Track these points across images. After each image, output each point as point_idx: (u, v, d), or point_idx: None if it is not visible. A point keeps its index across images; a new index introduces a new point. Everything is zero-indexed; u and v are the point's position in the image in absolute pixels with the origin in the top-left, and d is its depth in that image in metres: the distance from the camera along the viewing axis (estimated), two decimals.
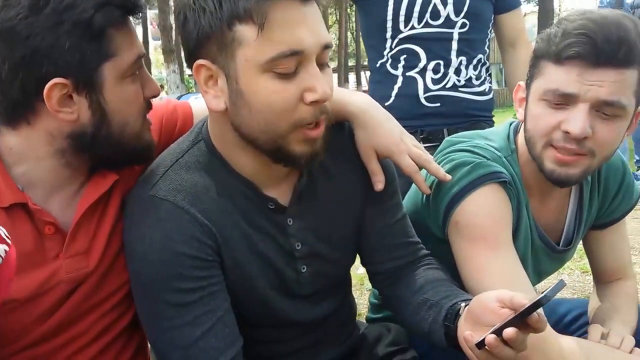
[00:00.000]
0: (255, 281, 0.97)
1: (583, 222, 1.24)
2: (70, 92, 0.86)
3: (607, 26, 0.97)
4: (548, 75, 1.04)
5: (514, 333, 0.75)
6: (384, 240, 1.09)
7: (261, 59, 0.82)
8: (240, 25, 0.82)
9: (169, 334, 0.90)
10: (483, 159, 1.10)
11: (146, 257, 0.89)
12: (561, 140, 1.03)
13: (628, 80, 0.99)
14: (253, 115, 0.86)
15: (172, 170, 0.94)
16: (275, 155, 0.90)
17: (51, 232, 0.91)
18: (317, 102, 0.85)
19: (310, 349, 1.08)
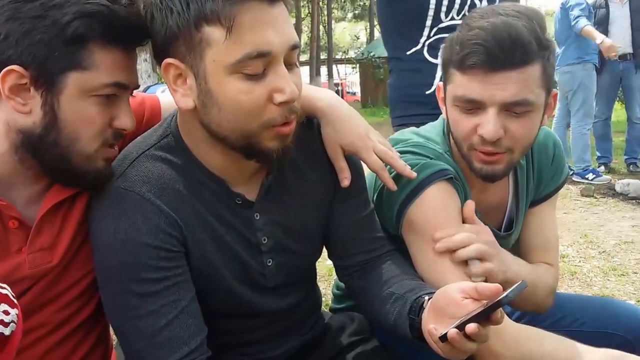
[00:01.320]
0: (221, 273, 0.98)
1: (521, 205, 1.28)
2: (29, 85, 0.85)
3: (498, 33, 1.00)
4: (456, 82, 1.08)
5: (476, 328, 0.78)
6: (351, 235, 1.11)
7: (229, 60, 0.82)
8: (208, 27, 0.81)
9: (134, 323, 0.90)
10: (427, 158, 1.13)
11: (111, 248, 0.89)
12: (480, 144, 1.07)
13: (531, 76, 1.03)
14: (223, 115, 0.86)
15: (139, 161, 0.94)
16: (247, 152, 0.91)
17: (15, 227, 0.90)
18: (286, 102, 0.85)
19: (275, 339, 1.09)
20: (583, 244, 3.70)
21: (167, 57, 0.86)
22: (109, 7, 0.85)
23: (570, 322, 1.33)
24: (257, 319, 1.06)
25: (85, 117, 0.88)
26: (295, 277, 1.09)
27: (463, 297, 0.83)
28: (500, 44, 0.99)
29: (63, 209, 0.95)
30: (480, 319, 0.79)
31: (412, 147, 1.16)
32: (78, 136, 0.88)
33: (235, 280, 1.00)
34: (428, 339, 0.88)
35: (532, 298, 1.20)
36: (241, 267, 1.00)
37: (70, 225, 0.95)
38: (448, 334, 0.80)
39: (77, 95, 0.87)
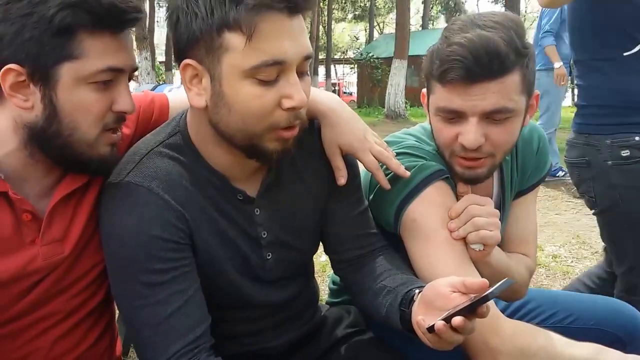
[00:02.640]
0: (223, 265, 1.01)
1: (507, 196, 1.31)
2: (28, 80, 0.87)
3: (475, 48, 1.01)
4: (437, 94, 1.10)
5: (462, 321, 0.80)
6: (347, 230, 1.13)
7: (245, 66, 0.85)
8: (229, 34, 0.84)
9: (142, 312, 0.92)
10: (423, 160, 1.15)
11: (122, 240, 0.92)
12: (461, 151, 1.10)
13: (509, 85, 1.05)
14: (232, 116, 0.89)
15: (148, 158, 0.96)
16: (249, 152, 0.94)
17: (28, 219, 0.92)
18: (294, 108, 0.88)
19: (274, 330, 1.12)
20: (575, 244, 3.73)
21: (186, 58, 0.89)
22: None
23: (562, 318, 1.35)
24: (257, 310, 1.09)
25: (84, 105, 0.90)
26: (293, 271, 1.12)
27: (451, 291, 0.85)
28: (477, 59, 1.01)
29: (73, 201, 0.97)
30: (467, 313, 0.81)
31: (408, 149, 1.18)
32: (78, 124, 0.90)
33: (237, 272, 1.03)
34: (417, 330, 0.90)
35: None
36: (242, 260, 1.03)
37: (81, 217, 0.98)
38: (435, 325, 0.82)
39: (72, 85, 0.88)
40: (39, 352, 0.92)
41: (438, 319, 0.82)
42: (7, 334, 0.90)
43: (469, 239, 1.09)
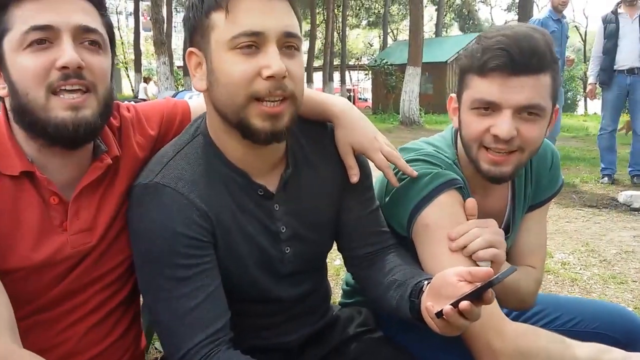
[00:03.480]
0: (245, 260, 1.07)
1: (518, 210, 1.35)
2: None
3: (519, 40, 1.08)
4: (474, 87, 1.15)
5: (469, 305, 0.84)
6: (359, 228, 1.19)
7: (226, 37, 0.94)
8: (215, 14, 0.94)
9: (167, 304, 0.99)
10: (439, 168, 1.20)
11: (150, 237, 0.99)
12: (492, 142, 1.15)
13: (543, 84, 1.11)
14: (220, 88, 0.97)
15: (174, 160, 1.03)
16: (241, 130, 0.99)
17: (56, 202, 0.99)
18: (272, 77, 0.94)
19: (289, 325, 1.18)
20: (584, 252, 3.74)
21: (189, 47, 0.99)
22: None
23: (565, 321, 1.39)
24: (274, 304, 1.14)
25: (24, 68, 0.92)
26: (309, 265, 1.18)
27: (458, 280, 0.90)
28: (521, 49, 1.08)
29: (98, 193, 1.04)
30: (473, 298, 0.85)
31: (425, 157, 1.23)
32: (27, 89, 0.92)
33: (257, 266, 1.09)
34: (425, 316, 0.95)
35: (514, 296, 1.27)
36: (262, 254, 1.09)
37: (107, 209, 1.04)
38: (444, 310, 0.87)
39: (13, 55, 0.93)
40: (70, 341, 0.98)
41: (447, 305, 0.86)
42: (40, 323, 0.97)
43: (478, 256, 1.13)
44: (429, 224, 1.16)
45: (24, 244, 0.95)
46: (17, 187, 0.95)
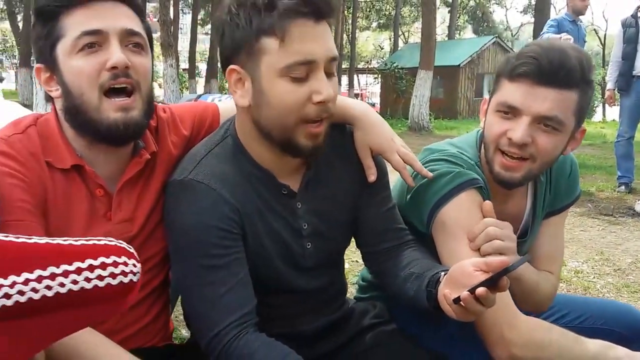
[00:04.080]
0: (269, 253, 1.18)
1: (537, 216, 1.45)
2: (49, 73, 1.08)
3: (551, 52, 1.19)
4: (503, 90, 1.26)
5: (485, 291, 0.94)
6: (376, 225, 1.30)
7: (280, 65, 1.03)
8: (266, 38, 1.03)
9: (199, 290, 1.10)
10: (461, 168, 1.30)
11: (185, 229, 1.10)
12: (506, 145, 1.25)
13: (567, 100, 1.21)
14: (270, 111, 1.07)
15: (206, 159, 1.15)
16: (284, 145, 1.11)
17: (101, 194, 1.12)
18: (322, 102, 1.06)
19: (307, 315, 1.29)
20: (598, 260, 3.82)
21: (231, 65, 1.08)
22: None
23: (573, 318, 1.50)
24: (294, 294, 1.26)
25: (78, 71, 1.05)
26: (328, 260, 1.29)
27: (475, 270, 1.00)
28: (551, 61, 1.18)
29: (138, 187, 1.16)
30: (489, 285, 0.95)
31: (448, 157, 1.34)
32: (81, 90, 1.05)
33: (280, 259, 1.20)
34: (443, 303, 1.05)
35: (532, 298, 1.36)
36: (285, 249, 1.20)
37: (146, 203, 1.17)
38: (461, 296, 0.97)
39: (66, 59, 1.06)
40: (110, 321, 1.09)
41: (464, 291, 0.97)
42: None
43: (486, 251, 1.23)
44: (448, 221, 1.27)
45: (75, 232, 1.07)
46: (68, 179, 1.09)
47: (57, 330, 0.71)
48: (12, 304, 0.62)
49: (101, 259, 0.69)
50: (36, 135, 1.09)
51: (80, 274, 0.67)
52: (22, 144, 1.06)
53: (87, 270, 0.68)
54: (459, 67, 23.57)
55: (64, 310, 0.67)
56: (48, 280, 0.64)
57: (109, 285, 0.69)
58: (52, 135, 1.10)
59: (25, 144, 1.06)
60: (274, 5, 1.01)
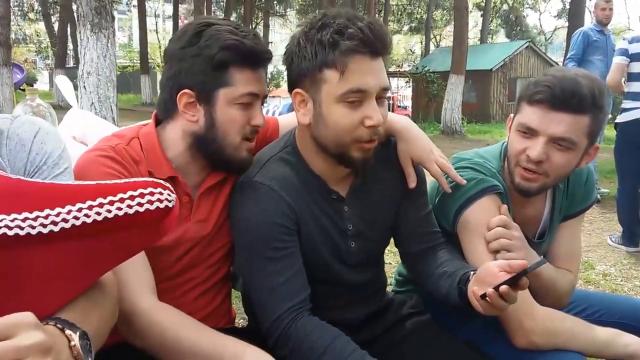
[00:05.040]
0: (319, 248, 1.36)
1: (555, 219, 1.62)
2: (196, 101, 1.27)
3: (564, 81, 1.35)
4: (523, 112, 1.43)
5: (507, 289, 1.12)
6: (414, 228, 1.48)
7: (338, 93, 1.22)
8: (327, 70, 1.22)
9: (261, 279, 1.29)
10: (484, 175, 1.48)
11: (249, 225, 1.29)
12: (525, 161, 1.42)
13: (579, 123, 1.37)
14: (327, 130, 1.26)
15: (269, 163, 1.34)
16: (339, 159, 1.30)
17: (186, 201, 1.31)
18: (373, 126, 1.24)
19: (352, 305, 1.47)
20: (627, 264, 3.91)
21: (296, 88, 1.28)
22: (239, 40, 1.25)
23: (591, 312, 1.64)
24: (341, 287, 1.44)
25: (232, 119, 1.28)
26: (370, 258, 1.47)
27: (499, 271, 1.17)
28: (564, 90, 1.35)
29: (214, 193, 1.36)
30: (510, 284, 1.13)
31: (473, 165, 1.52)
32: (228, 132, 1.28)
33: (329, 255, 1.38)
34: (472, 299, 1.22)
35: (551, 292, 1.51)
36: (333, 246, 1.39)
37: (219, 205, 1.36)
38: (487, 292, 1.15)
39: (225, 104, 1.27)
40: (183, 305, 1.26)
41: (489, 288, 1.15)
42: (165, 289, 1.27)
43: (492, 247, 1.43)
44: (471, 220, 1.45)
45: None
46: None
47: (114, 250, 0.88)
48: (69, 227, 0.79)
49: (140, 190, 0.85)
50: (139, 147, 1.29)
51: (122, 202, 0.83)
52: (128, 153, 1.26)
53: (128, 199, 0.83)
54: (491, 71, 23.47)
55: (115, 233, 0.84)
56: (97, 208, 0.82)
57: (148, 211, 0.84)
58: (153, 149, 1.30)
59: (130, 153, 1.27)
60: (337, 44, 1.20)
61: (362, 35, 1.19)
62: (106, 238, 0.84)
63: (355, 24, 1.20)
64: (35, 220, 0.77)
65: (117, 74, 5.19)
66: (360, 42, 1.19)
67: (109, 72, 5.00)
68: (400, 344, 1.47)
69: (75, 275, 0.81)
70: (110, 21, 5.00)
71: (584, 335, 1.37)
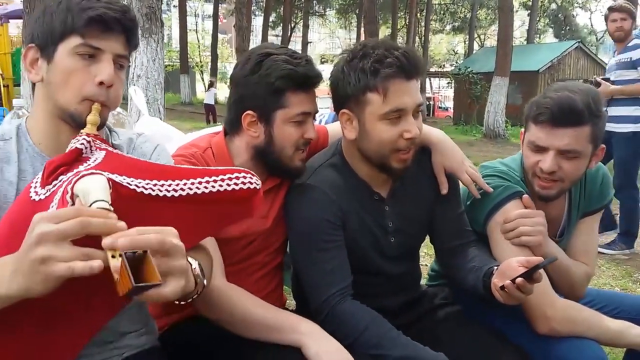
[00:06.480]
0: (361, 243, 1.61)
1: (573, 217, 1.82)
2: (257, 120, 1.54)
3: (561, 100, 1.57)
4: (531, 131, 1.65)
5: (522, 281, 1.33)
6: (448, 227, 1.71)
7: (380, 112, 1.47)
8: (370, 93, 1.47)
9: (313, 267, 1.54)
10: (509, 182, 1.71)
11: (303, 221, 1.56)
12: (540, 173, 1.64)
13: (581, 134, 1.58)
14: (370, 144, 1.52)
15: (320, 168, 1.60)
16: (380, 167, 1.55)
17: None
18: (410, 139, 1.48)
19: (390, 294, 1.70)
20: None
21: (343, 109, 1.53)
22: (294, 69, 1.51)
23: (609, 310, 1.82)
24: (380, 277, 1.68)
25: (288, 135, 1.54)
26: (407, 252, 1.71)
27: (519, 266, 1.38)
28: (561, 109, 1.57)
29: (272, 194, 1.63)
30: (526, 277, 1.34)
31: (499, 173, 1.74)
32: (284, 146, 1.55)
33: (371, 249, 1.63)
34: (493, 290, 1.44)
35: (566, 280, 1.72)
36: (374, 240, 1.63)
37: (277, 204, 1.63)
38: (505, 284, 1.36)
39: (282, 123, 1.54)
40: (246, 288, 1.51)
41: (507, 280, 1.36)
42: (229, 273, 1.51)
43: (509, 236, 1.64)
44: (499, 223, 1.67)
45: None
46: None
47: (215, 218, 1.19)
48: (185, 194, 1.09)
49: (235, 174, 1.15)
50: (212, 155, 1.58)
51: (223, 182, 1.13)
52: (204, 160, 1.54)
53: (227, 179, 1.13)
54: (538, 73, 23.20)
55: (215, 204, 1.13)
56: (204, 184, 1.11)
57: (241, 189, 1.14)
58: (223, 156, 1.58)
59: (205, 159, 1.55)
60: (378, 71, 1.45)
61: (399, 62, 1.44)
62: (209, 207, 1.14)
63: (392, 53, 1.45)
64: (162, 187, 1.08)
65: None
66: (398, 68, 1.44)
67: (157, 75, 5.36)
68: (432, 331, 1.69)
69: (187, 230, 1.08)
70: (160, 26, 5.36)
71: (599, 325, 1.57)
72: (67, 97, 1.18)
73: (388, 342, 1.43)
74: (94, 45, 1.17)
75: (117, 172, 1.04)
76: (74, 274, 0.85)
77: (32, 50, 1.22)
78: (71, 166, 1.08)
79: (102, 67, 1.18)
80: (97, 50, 1.18)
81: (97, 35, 1.17)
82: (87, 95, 1.18)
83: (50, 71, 1.19)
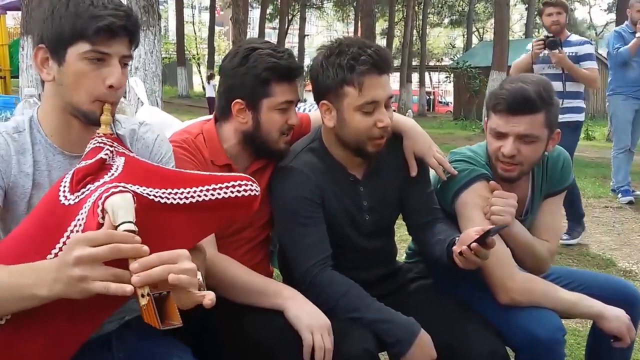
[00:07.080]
0: (338, 220, 1.79)
1: (536, 199, 2.01)
2: (245, 108, 1.72)
3: (515, 91, 1.75)
4: (492, 119, 1.84)
5: (477, 246, 1.50)
6: (418, 205, 1.89)
7: (356, 104, 1.66)
8: (347, 87, 1.65)
9: (295, 240, 1.73)
10: (474, 166, 1.89)
11: (286, 199, 1.74)
12: (501, 157, 1.82)
13: (536, 121, 1.76)
14: (348, 132, 1.70)
15: (301, 153, 1.79)
16: (356, 152, 1.74)
17: None
18: (384, 127, 1.67)
19: (366, 267, 1.87)
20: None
21: (322, 100, 1.72)
22: (277, 62, 1.69)
23: (574, 286, 1.96)
24: (357, 252, 1.86)
25: (274, 121, 1.72)
26: (382, 228, 1.90)
27: (476, 234, 1.54)
28: (515, 99, 1.76)
29: (257, 175, 1.78)
30: (480, 242, 1.50)
31: (466, 158, 1.93)
32: (270, 131, 1.73)
33: (346, 225, 1.81)
34: (455, 257, 1.61)
35: (528, 256, 1.89)
36: (351, 218, 1.81)
37: (262, 184, 1.74)
38: (462, 249, 1.54)
39: (268, 110, 1.72)
40: (236, 258, 1.70)
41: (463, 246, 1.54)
42: (221, 245, 1.69)
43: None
44: (465, 201, 1.85)
45: None
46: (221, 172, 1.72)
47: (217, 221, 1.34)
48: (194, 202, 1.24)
49: (237, 182, 1.31)
50: (203, 140, 1.75)
51: (227, 189, 1.28)
52: (196, 145, 1.73)
53: (231, 187, 1.29)
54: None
55: (219, 209, 1.28)
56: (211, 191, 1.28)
57: (243, 196, 1.30)
58: (213, 142, 1.76)
59: (197, 145, 1.73)
60: (354, 67, 1.63)
61: (372, 60, 1.63)
62: (214, 212, 1.30)
63: (365, 51, 1.64)
64: (175, 195, 1.24)
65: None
66: (371, 65, 1.63)
67: (155, 67, 5.50)
68: (404, 302, 1.84)
69: (193, 232, 1.26)
70: (157, 19, 5.50)
71: (555, 296, 1.75)
72: (79, 98, 1.30)
73: (364, 306, 1.62)
74: (102, 51, 1.27)
75: (138, 182, 1.19)
76: (109, 293, 1.01)
77: (42, 50, 1.31)
78: (97, 175, 1.21)
79: (111, 72, 1.29)
80: (105, 54, 1.28)
81: (105, 42, 1.27)
82: (98, 96, 1.30)
83: (62, 73, 1.29)
